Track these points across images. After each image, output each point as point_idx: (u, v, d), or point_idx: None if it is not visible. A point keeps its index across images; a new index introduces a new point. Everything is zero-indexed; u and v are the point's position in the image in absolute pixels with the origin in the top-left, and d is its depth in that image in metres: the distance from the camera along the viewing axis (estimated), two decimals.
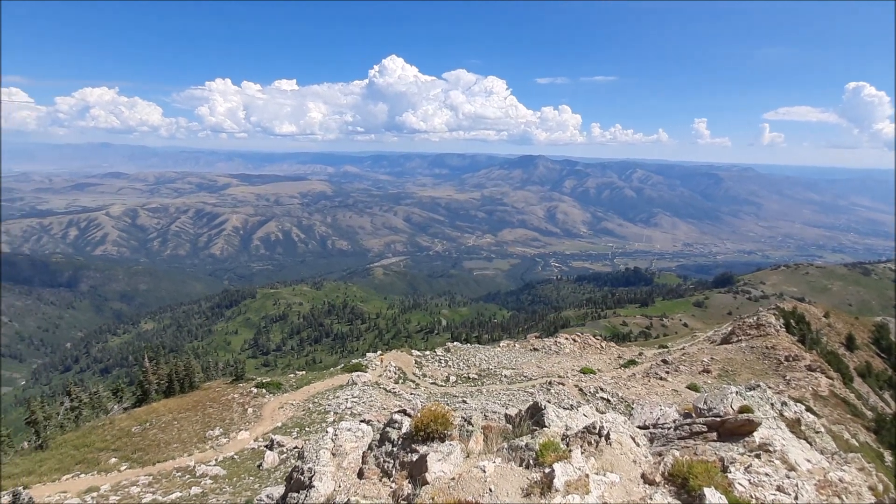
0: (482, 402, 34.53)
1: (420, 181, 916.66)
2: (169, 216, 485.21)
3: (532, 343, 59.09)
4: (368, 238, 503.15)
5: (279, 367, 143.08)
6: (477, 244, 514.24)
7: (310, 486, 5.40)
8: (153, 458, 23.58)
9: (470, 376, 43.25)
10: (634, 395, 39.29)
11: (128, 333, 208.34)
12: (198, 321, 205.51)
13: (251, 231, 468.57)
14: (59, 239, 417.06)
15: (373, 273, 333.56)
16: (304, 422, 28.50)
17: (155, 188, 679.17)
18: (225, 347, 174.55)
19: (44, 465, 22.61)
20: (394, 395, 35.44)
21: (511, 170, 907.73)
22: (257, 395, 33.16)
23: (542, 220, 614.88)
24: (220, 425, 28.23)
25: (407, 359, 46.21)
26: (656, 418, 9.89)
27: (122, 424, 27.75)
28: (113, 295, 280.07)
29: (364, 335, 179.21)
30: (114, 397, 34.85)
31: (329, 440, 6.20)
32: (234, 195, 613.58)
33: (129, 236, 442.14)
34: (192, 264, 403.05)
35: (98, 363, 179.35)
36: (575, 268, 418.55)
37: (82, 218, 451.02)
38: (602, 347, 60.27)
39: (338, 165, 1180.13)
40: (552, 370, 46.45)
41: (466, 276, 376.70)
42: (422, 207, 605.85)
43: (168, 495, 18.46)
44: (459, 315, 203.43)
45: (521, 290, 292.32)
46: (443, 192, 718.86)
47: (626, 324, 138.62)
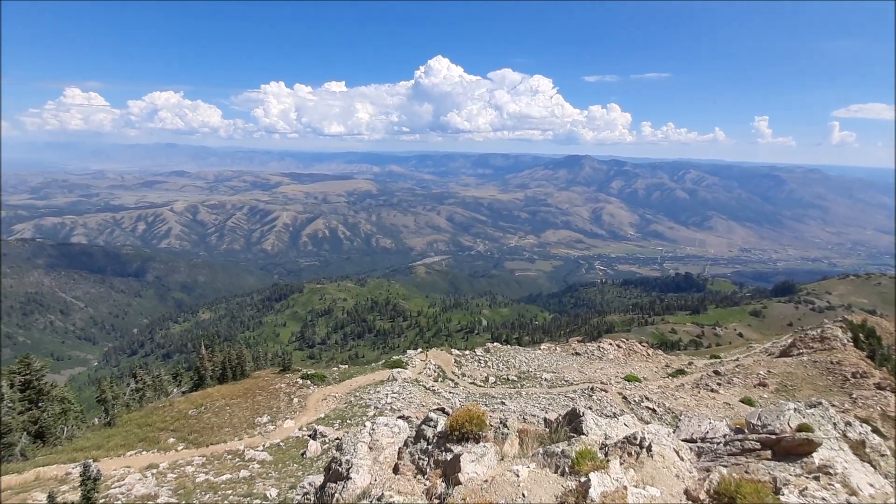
0: (521, 404, 34.15)
1: (463, 181, 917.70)
2: (226, 212, 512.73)
3: (574, 347, 57.76)
4: (412, 237, 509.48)
5: (323, 360, 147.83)
6: (519, 245, 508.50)
7: (347, 478, 5.57)
8: (207, 441, 25.05)
9: (509, 378, 42.89)
10: (682, 406, 37.54)
11: (187, 322, 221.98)
12: (250, 313, 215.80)
13: (300, 228, 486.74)
14: (129, 232, 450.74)
15: (415, 271, 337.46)
16: (346, 414, 29.31)
17: (214, 186, 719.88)
18: (274, 339, 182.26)
19: (111, 440, 24.57)
20: (433, 393, 35.74)
21: (556, 170, 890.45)
22: (302, 386, 34.43)
23: (586, 221, 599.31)
24: (267, 413, 29.56)
25: (447, 357, 46.46)
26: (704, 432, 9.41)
27: (180, 407, 29.65)
28: (175, 285, 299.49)
29: (405, 332, 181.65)
30: (173, 381, 37.28)
31: (367, 434, 6.37)
32: (285, 193, 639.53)
33: (190, 231, 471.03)
34: (245, 258, 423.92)
35: (161, 348, 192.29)
36: (621, 271, 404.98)
37: (150, 213, 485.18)
38: (648, 355, 57.99)
39: (383, 165, 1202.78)
40: (594, 376, 45.22)
41: (508, 277, 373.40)
42: (465, 207, 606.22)
43: (219, 476, 19.55)
44: (500, 316, 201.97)
45: (563, 293, 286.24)
46: (486, 192, 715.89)
47: (675, 331, 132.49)
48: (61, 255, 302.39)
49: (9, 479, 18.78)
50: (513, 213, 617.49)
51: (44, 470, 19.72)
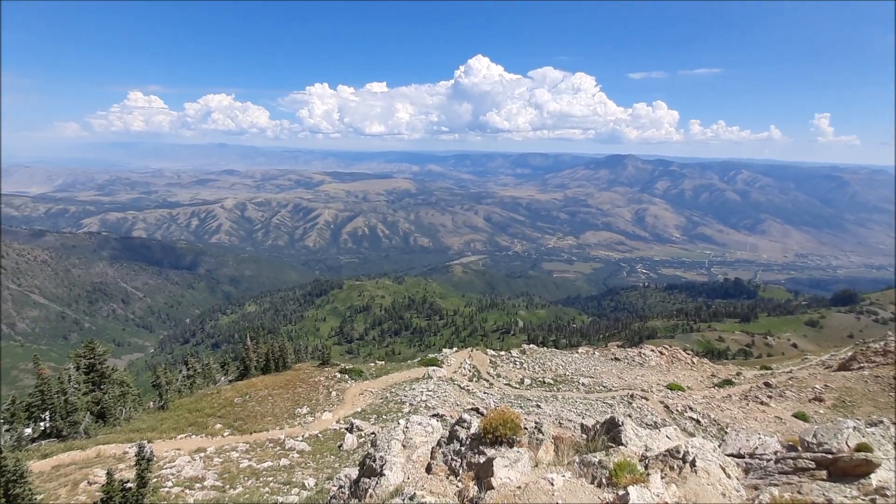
0: (557, 408, 33.54)
1: (502, 181, 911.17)
2: (271, 210, 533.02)
3: (613, 352, 56.11)
4: (449, 236, 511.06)
5: (361, 356, 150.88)
6: (557, 246, 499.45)
7: (381, 474, 5.65)
8: (250, 428, 26.15)
9: (545, 381, 42.21)
10: (729, 418, 35.70)
11: (234, 314, 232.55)
12: (292, 307, 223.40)
13: (341, 225, 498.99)
14: (183, 227, 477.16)
15: (452, 270, 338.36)
16: (382, 410, 29.79)
17: (261, 184, 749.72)
18: (314, 333, 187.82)
19: (164, 423, 26.11)
20: (467, 393, 35.72)
21: (597, 170, 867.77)
22: (341, 380, 35.28)
23: (629, 222, 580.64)
24: (307, 404, 30.50)
25: (482, 357, 46.29)
26: (753, 447, 8.89)
27: (227, 395, 31.09)
28: (224, 278, 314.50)
29: (441, 331, 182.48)
30: (221, 370, 39.14)
31: (400, 432, 6.43)
32: (327, 191, 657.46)
33: (239, 227, 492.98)
34: (288, 254, 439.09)
35: (210, 338, 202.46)
36: (665, 275, 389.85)
37: (202, 210, 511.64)
38: (693, 363, 55.52)
39: (422, 164, 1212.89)
40: (635, 382, 43.77)
41: (545, 278, 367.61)
42: (502, 207, 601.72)
43: (261, 463, 20.37)
44: (537, 317, 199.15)
45: (602, 296, 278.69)
46: (524, 192, 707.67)
47: (723, 339, 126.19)
48: (124, 248, 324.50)
49: (73, 455, 20.34)
50: (551, 213, 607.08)
51: (104, 448, 21.21)
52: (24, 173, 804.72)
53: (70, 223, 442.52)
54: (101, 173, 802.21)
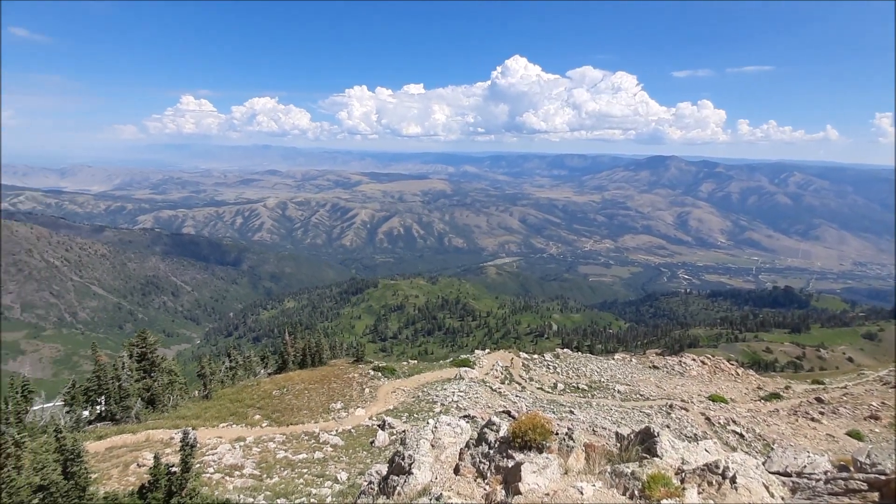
0: (591, 415, 32.80)
1: (537, 182, 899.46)
2: (310, 209, 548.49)
3: (652, 360, 54.33)
4: (483, 237, 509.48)
5: (394, 354, 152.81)
6: (594, 249, 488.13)
7: (409, 473, 5.72)
8: (287, 420, 27.02)
9: (579, 386, 41.36)
10: (776, 434, 33.82)
11: (274, 309, 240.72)
12: (329, 304, 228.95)
13: (377, 225, 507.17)
14: (229, 225, 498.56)
15: (486, 272, 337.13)
16: (414, 409, 30.06)
17: (301, 184, 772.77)
18: (349, 330, 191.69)
19: (208, 412, 27.37)
20: (499, 395, 35.50)
21: (637, 171, 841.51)
22: (374, 378, 35.86)
23: (670, 226, 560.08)
24: (341, 400, 31.19)
25: (515, 360, 45.90)
26: (801, 466, 8.39)
27: (266, 387, 32.24)
28: (265, 275, 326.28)
29: (474, 332, 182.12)
30: (261, 363, 40.63)
31: (429, 431, 6.49)
32: (364, 192, 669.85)
33: (280, 225, 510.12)
34: (326, 253, 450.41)
35: (251, 332, 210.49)
36: (708, 281, 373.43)
37: (246, 208, 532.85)
38: (737, 374, 52.96)
39: (458, 165, 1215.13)
40: (674, 392, 42.20)
41: (581, 282, 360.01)
42: (538, 209, 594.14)
43: (296, 455, 21.01)
44: (571, 321, 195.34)
45: (641, 301, 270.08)
46: (560, 194, 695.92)
47: (771, 351, 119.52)
48: (174, 244, 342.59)
49: (125, 438, 21.67)
50: (588, 215, 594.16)
51: (153, 433, 22.47)
52: (87, 172, 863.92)
53: (127, 220, 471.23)
54: (156, 173, 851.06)
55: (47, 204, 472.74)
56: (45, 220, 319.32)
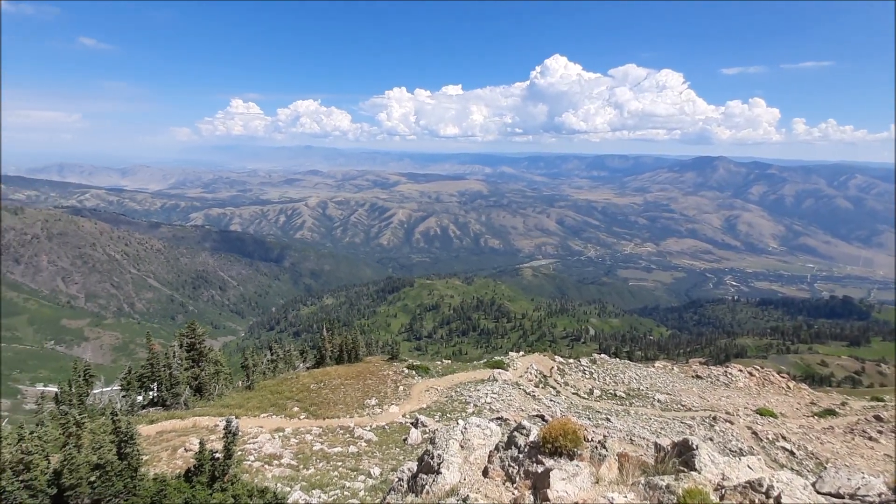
0: (629, 424, 31.83)
1: (576, 183, 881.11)
2: (350, 208, 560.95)
3: (695, 369, 52.07)
4: (520, 238, 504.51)
5: (428, 353, 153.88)
6: (635, 252, 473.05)
7: (438, 472, 5.76)
8: (324, 414, 27.77)
9: (616, 394, 40.22)
10: (829, 452, 31.67)
11: (314, 305, 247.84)
12: (365, 302, 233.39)
13: (414, 225, 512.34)
14: (272, 223, 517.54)
15: (521, 273, 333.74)
16: (447, 408, 30.18)
17: (341, 184, 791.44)
18: (385, 328, 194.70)
19: (250, 402, 28.53)
20: (533, 399, 35.06)
21: (682, 172, 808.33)
22: (408, 376, 36.27)
23: (717, 230, 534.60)
24: (376, 396, 31.74)
25: (549, 364, 45.20)
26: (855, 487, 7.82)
27: (304, 381, 33.25)
28: (305, 272, 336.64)
29: (508, 334, 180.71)
30: (300, 357, 41.95)
31: (459, 432, 6.51)
32: (401, 192, 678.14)
33: (320, 224, 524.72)
34: (364, 251, 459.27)
35: (292, 327, 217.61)
36: (758, 289, 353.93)
37: (289, 207, 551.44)
38: (788, 388, 49.90)
39: (495, 166, 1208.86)
40: (718, 404, 40.28)
41: (620, 286, 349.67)
42: (576, 210, 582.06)
43: (332, 448, 21.56)
44: (609, 326, 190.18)
45: (684, 308, 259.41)
46: (600, 196, 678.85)
47: (826, 364, 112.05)
48: (222, 240, 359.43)
49: (174, 423, 22.94)
50: (629, 218, 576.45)
51: (199, 419, 23.66)
52: (146, 172, 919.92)
53: (180, 217, 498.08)
54: (207, 173, 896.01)
55: (109, 201, 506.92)
56: (107, 216, 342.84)
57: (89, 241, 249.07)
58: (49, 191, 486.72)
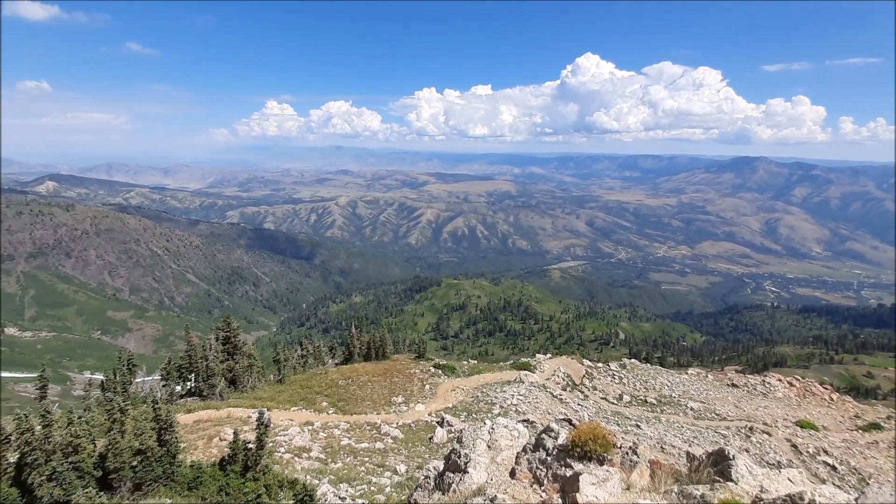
0: (660, 431, 30.98)
1: (607, 184, 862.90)
2: (379, 208, 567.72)
3: (731, 377, 50.12)
4: (548, 239, 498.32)
5: (455, 353, 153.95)
6: (668, 255, 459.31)
7: (464, 471, 5.78)
8: (351, 409, 28.24)
9: (647, 400, 39.20)
10: (873, 468, 29.93)
11: (343, 303, 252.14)
12: (393, 300, 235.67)
13: (441, 225, 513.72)
14: (304, 221, 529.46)
15: (549, 275, 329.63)
16: (472, 408, 30.16)
17: (371, 184, 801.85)
18: (412, 327, 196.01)
19: (281, 395, 29.32)
20: (560, 402, 34.60)
21: (719, 173, 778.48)
22: (434, 375, 36.42)
23: (756, 233, 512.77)
24: (402, 394, 32.04)
25: (577, 367, 44.47)
26: None
27: (333, 376, 33.90)
28: (335, 270, 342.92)
29: (535, 335, 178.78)
30: (329, 353, 42.80)
31: (486, 432, 6.51)
32: (430, 192, 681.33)
33: (350, 223, 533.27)
34: (392, 250, 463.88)
35: (321, 323, 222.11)
36: (800, 295, 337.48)
37: (320, 206, 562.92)
38: (831, 399, 47.35)
39: (524, 166, 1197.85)
40: (755, 414, 38.66)
41: (652, 290, 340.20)
42: (607, 211, 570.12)
43: (359, 444, 21.91)
44: (640, 330, 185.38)
45: (720, 313, 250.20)
46: (631, 197, 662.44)
47: (873, 376, 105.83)
48: (257, 238, 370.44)
49: (210, 413, 23.82)
50: (662, 219, 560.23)
51: (233, 410, 24.48)
52: (186, 171, 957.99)
53: (217, 215, 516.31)
54: (242, 172, 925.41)
55: (153, 199, 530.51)
56: (150, 213, 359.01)
57: (134, 237, 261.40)
58: (98, 189, 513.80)
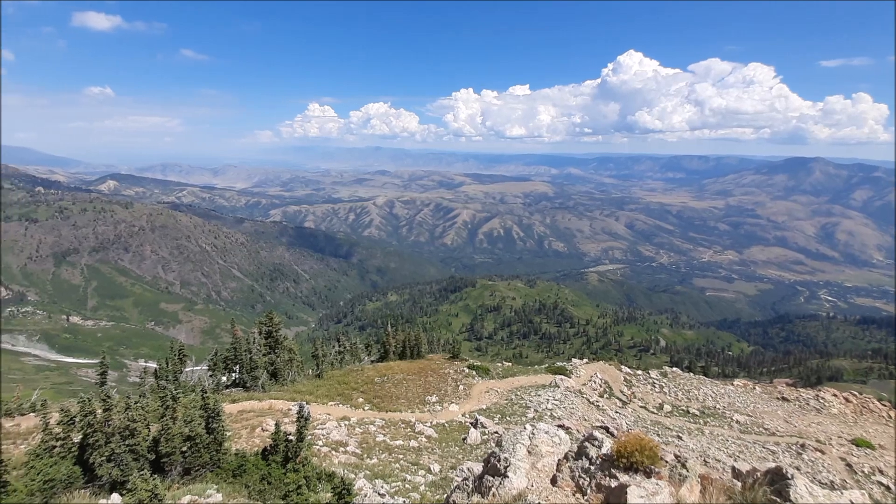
0: (702, 444, 29.67)
1: (648, 185, 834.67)
2: (415, 208, 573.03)
3: (780, 390, 47.37)
4: (586, 242, 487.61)
5: (488, 354, 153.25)
6: (714, 260, 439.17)
7: (504, 475, 5.73)
8: (386, 407, 28.66)
9: (689, 410, 37.63)
10: None
11: (379, 301, 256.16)
12: (428, 300, 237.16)
13: (477, 226, 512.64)
14: (342, 220, 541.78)
15: (587, 278, 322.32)
16: (506, 411, 29.92)
17: (407, 184, 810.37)
18: (446, 327, 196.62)
19: (319, 390, 30.13)
20: (597, 409, 33.77)
21: (771, 175, 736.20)
22: (468, 375, 36.40)
23: (811, 239, 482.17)
24: (436, 393, 32.21)
25: (615, 373, 43.27)
26: None
27: (369, 373, 34.51)
28: (372, 268, 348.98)
29: (571, 339, 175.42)
30: (365, 350, 43.60)
31: (526, 437, 6.42)
32: (466, 192, 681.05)
33: (387, 223, 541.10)
34: (428, 250, 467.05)
35: (358, 321, 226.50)
36: (858, 305, 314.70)
37: (358, 206, 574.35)
38: (890, 417, 43.85)
39: (561, 167, 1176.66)
40: (807, 430, 36.36)
41: (696, 296, 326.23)
42: (648, 214, 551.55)
43: (394, 441, 22.20)
44: (682, 338, 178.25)
45: (770, 322, 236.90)
46: (675, 199, 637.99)
47: None
48: (297, 236, 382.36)
49: (253, 404, 24.77)
50: (708, 223, 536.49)
51: (274, 402, 25.37)
52: (233, 172, 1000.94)
53: (261, 213, 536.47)
54: (285, 172, 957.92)
55: (202, 198, 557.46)
56: (200, 211, 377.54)
57: (185, 233, 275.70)
58: (153, 188, 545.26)
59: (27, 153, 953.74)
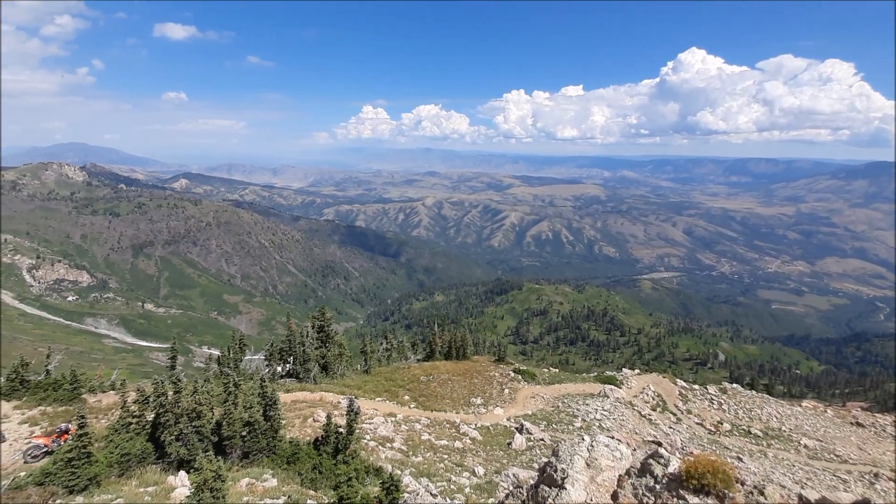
0: (765, 468, 27.61)
1: (710, 189, 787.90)
2: (463, 209, 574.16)
3: (855, 415, 43.21)
4: (639, 247, 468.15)
5: (534, 359, 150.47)
6: (781, 271, 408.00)
7: (562, 487, 5.58)
8: (431, 406, 28.89)
9: (751, 431, 35.18)
10: None
11: (425, 301, 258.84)
12: (474, 301, 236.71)
13: (525, 228, 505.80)
14: (392, 220, 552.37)
15: (639, 285, 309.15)
16: (552, 418, 29.29)
17: (456, 185, 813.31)
18: (492, 329, 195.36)
19: (366, 385, 30.88)
20: (649, 422, 32.34)
21: (850, 180, 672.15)
22: (513, 379, 36.00)
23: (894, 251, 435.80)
24: (481, 396, 32.08)
25: (669, 387, 41.25)
26: None
27: (415, 372, 34.95)
28: (419, 268, 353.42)
29: (621, 348, 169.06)
30: (411, 349, 44.23)
31: (585, 449, 6.22)
32: (514, 194, 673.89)
33: (435, 223, 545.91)
34: (475, 252, 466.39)
35: (405, 319, 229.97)
36: None
37: (407, 206, 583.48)
38: None
39: (615, 170, 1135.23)
40: (882, 459, 32.94)
41: (760, 309, 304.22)
42: (709, 220, 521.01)
43: (439, 440, 22.33)
44: (744, 353, 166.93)
45: (844, 340, 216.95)
46: (739, 204, 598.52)
47: None
48: (349, 234, 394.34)
49: (305, 395, 25.78)
50: (776, 231, 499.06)
51: (325, 394, 26.27)
52: (291, 172, 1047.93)
53: (315, 212, 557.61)
54: (339, 173, 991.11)
55: (263, 196, 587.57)
56: (260, 209, 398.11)
57: (246, 229, 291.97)
58: (220, 186, 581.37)
59: (113, 153, 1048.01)
